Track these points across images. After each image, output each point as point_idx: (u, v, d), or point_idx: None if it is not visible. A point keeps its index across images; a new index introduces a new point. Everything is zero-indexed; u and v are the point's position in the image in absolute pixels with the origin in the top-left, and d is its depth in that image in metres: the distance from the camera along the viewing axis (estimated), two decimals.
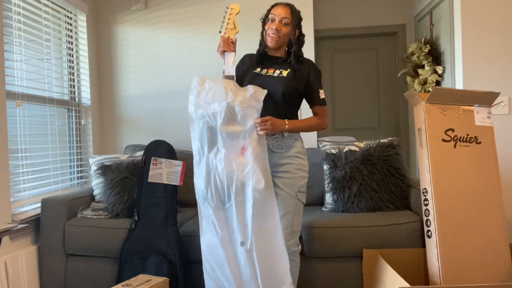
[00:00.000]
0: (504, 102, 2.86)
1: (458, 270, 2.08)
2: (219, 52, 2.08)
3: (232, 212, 2.00)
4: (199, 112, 2.00)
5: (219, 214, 2.02)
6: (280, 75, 2.09)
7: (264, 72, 2.11)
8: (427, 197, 2.19)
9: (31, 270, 2.55)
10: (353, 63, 4.28)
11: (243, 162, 1.97)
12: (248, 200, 1.97)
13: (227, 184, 1.97)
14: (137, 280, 2.18)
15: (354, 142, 2.80)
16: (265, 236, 1.98)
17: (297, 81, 2.09)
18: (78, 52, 3.37)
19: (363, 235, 2.38)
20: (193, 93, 2.04)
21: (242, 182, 1.96)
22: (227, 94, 1.96)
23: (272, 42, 2.08)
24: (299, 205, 2.09)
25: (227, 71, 2.03)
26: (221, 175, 1.98)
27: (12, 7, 2.60)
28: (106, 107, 3.58)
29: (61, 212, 2.58)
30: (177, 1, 3.50)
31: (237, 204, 1.99)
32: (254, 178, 1.95)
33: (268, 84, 2.05)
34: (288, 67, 2.11)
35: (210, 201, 2.02)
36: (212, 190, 2.00)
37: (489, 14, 2.93)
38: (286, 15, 2.06)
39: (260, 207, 1.98)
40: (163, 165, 2.54)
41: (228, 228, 2.02)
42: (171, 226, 2.47)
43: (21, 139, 2.65)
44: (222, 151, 1.98)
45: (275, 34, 2.06)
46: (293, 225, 2.05)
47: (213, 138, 2.00)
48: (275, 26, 2.05)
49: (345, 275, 2.40)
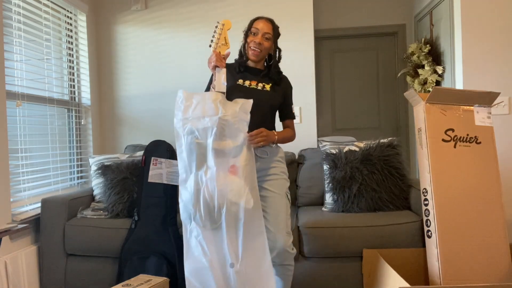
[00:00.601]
0: (504, 102, 2.86)
1: (458, 270, 2.08)
2: (211, 68, 2.05)
3: (221, 232, 1.94)
4: (188, 127, 1.95)
5: (207, 234, 1.96)
6: (264, 89, 2.13)
7: (247, 84, 2.13)
8: (427, 197, 2.19)
9: (31, 270, 2.55)
10: (353, 63, 4.29)
11: (233, 181, 1.93)
12: (240, 219, 1.93)
13: (218, 203, 1.91)
14: (137, 280, 2.18)
15: (354, 142, 2.80)
16: (254, 256, 1.94)
17: (278, 95, 2.17)
18: (78, 52, 3.37)
19: (363, 235, 2.38)
20: (179, 108, 1.98)
21: (232, 202, 1.91)
22: (218, 109, 1.93)
23: (254, 56, 2.12)
24: (289, 205, 2.11)
25: (218, 88, 2.00)
26: (212, 194, 1.92)
27: (12, 7, 2.60)
28: (106, 107, 3.58)
29: (61, 212, 2.58)
30: (177, 1, 3.50)
31: (227, 224, 1.93)
32: (244, 198, 1.91)
33: (254, 97, 2.04)
34: (269, 81, 2.16)
35: (198, 221, 1.96)
36: (201, 209, 1.93)
37: (489, 14, 2.93)
38: (268, 30, 2.11)
39: (248, 227, 1.93)
40: (163, 165, 2.54)
41: (217, 249, 1.96)
42: (171, 226, 2.47)
43: (21, 139, 2.65)
44: (212, 169, 1.93)
45: (257, 48, 2.10)
46: (287, 225, 2.05)
47: (201, 155, 1.95)
48: (258, 40, 2.09)
49: (345, 275, 2.40)
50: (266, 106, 2.10)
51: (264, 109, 2.09)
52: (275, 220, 2.03)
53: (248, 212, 1.92)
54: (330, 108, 4.30)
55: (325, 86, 4.30)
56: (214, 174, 1.92)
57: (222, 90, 1.99)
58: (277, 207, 2.05)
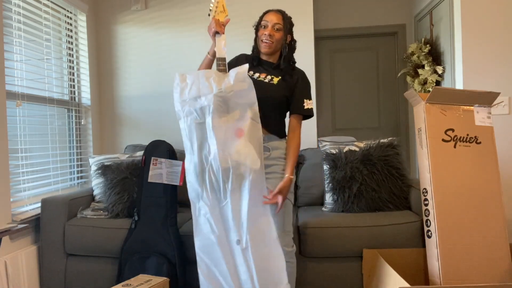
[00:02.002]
0: (504, 102, 2.86)
1: (458, 270, 2.08)
2: (211, 34, 2.07)
3: (228, 210, 1.98)
4: (186, 109, 1.97)
5: (215, 212, 2.00)
6: (271, 82, 2.11)
7: (256, 76, 2.12)
8: (427, 197, 2.19)
9: (31, 270, 2.55)
10: (353, 63, 4.29)
11: (240, 143, 1.94)
12: (244, 198, 1.95)
13: (223, 181, 1.95)
14: (137, 280, 2.18)
15: (354, 142, 2.80)
16: (259, 234, 1.96)
17: (286, 89, 2.11)
18: (78, 52, 3.37)
19: (363, 235, 2.38)
20: (176, 90, 2.00)
21: (239, 162, 1.92)
22: (211, 86, 1.92)
23: (266, 48, 2.10)
24: (288, 204, 2.10)
25: (219, 53, 2.01)
26: (216, 173, 1.95)
27: (12, 7, 2.60)
28: (106, 107, 3.58)
29: (61, 212, 2.58)
30: (177, 1, 3.50)
31: (232, 202, 1.96)
32: (251, 158, 1.93)
33: (258, 89, 2.04)
34: (279, 74, 2.12)
35: (206, 200, 2.00)
36: (207, 188, 1.98)
37: (489, 14, 2.93)
38: (278, 21, 2.09)
39: (254, 194, 1.94)
40: (163, 165, 2.54)
41: (224, 226, 2.00)
42: (171, 226, 2.47)
43: (21, 139, 2.65)
44: (214, 149, 1.94)
45: (268, 40, 2.08)
46: (284, 225, 2.05)
47: (203, 135, 1.97)
48: (268, 32, 2.07)
49: (345, 275, 2.40)
50: (269, 99, 2.06)
51: (267, 102, 2.06)
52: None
53: (255, 172, 1.92)
54: (330, 108, 4.30)
55: (325, 86, 4.30)
56: (217, 154, 1.93)
57: (223, 56, 2.00)
58: (275, 206, 2.04)
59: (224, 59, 2.01)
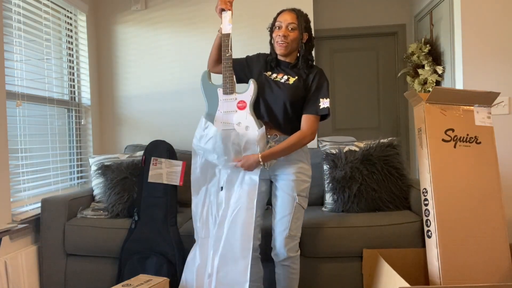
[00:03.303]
0: (504, 102, 2.86)
1: (458, 270, 2.08)
2: (217, 11, 2.07)
3: (211, 239, 2.12)
4: (200, 154, 2.15)
5: (203, 242, 2.16)
6: (286, 82, 2.07)
7: (273, 77, 2.11)
8: (427, 197, 2.19)
9: (31, 270, 2.55)
10: (353, 63, 4.28)
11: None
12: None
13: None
14: (137, 280, 2.18)
15: (354, 142, 2.80)
16: (230, 261, 2.04)
17: (302, 89, 2.07)
18: (78, 52, 3.37)
19: (363, 235, 2.38)
20: (199, 131, 2.12)
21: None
22: (226, 152, 2.04)
23: (281, 49, 2.07)
24: (299, 209, 2.06)
25: (224, 29, 2.05)
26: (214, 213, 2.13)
27: (12, 7, 2.60)
28: (106, 107, 3.58)
29: (61, 212, 2.58)
30: (177, 1, 3.50)
31: (216, 237, 2.09)
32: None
33: (273, 89, 2.07)
34: (296, 74, 2.09)
35: (200, 231, 2.17)
36: (203, 219, 2.15)
37: (489, 14, 2.93)
38: (292, 20, 2.05)
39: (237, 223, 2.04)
40: (163, 165, 2.54)
41: (205, 256, 2.15)
42: (171, 226, 2.47)
43: (21, 139, 2.65)
44: (222, 197, 2.10)
45: (283, 41, 2.04)
46: (290, 229, 2.03)
47: (213, 174, 2.15)
48: (282, 33, 2.04)
49: (345, 275, 2.40)
50: (284, 99, 2.04)
51: (282, 102, 2.04)
52: (278, 221, 2.06)
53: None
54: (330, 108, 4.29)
55: None
56: (223, 198, 2.10)
57: (227, 32, 2.04)
58: (282, 209, 2.06)
59: (229, 35, 2.04)
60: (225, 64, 2.05)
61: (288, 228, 2.03)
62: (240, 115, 2.04)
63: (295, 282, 2.12)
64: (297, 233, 2.08)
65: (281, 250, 2.04)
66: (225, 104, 2.07)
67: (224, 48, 2.05)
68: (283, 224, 2.03)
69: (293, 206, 2.04)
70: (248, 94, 2.04)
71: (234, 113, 2.05)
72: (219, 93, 2.08)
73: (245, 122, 2.03)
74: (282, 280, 2.11)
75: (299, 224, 2.08)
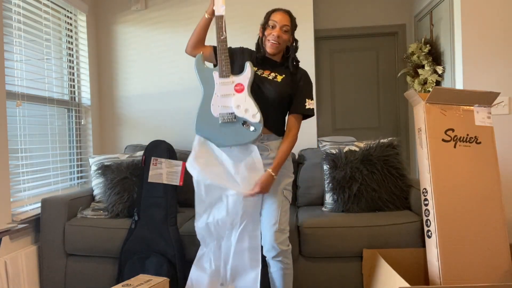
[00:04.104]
0: (504, 102, 2.86)
1: (458, 270, 2.08)
2: None
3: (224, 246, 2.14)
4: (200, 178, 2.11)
5: (217, 247, 2.16)
6: (275, 79, 2.11)
7: (259, 73, 2.12)
8: (427, 197, 2.19)
9: (31, 270, 2.55)
10: (353, 63, 4.28)
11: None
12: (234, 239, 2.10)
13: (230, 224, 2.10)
14: (137, 280, 2.18)
15: (354, 142, 2.80)
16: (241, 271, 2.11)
17: (289, 87, 2.12)
18: (78, 52, 3.37)
19: (363, 235, 2.38)
20: (194, 150, 2.12)
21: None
22: (228, 183, 2.06)
23: (272, 49, 2.09)
24: (285, 203, 2.11)
25: (218, 11, 2.04)
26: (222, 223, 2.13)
27: (12, 7, 2.60)
28: (106, 107, 3.58)
29: (61, 212, 2.58)
30: (177, 1, 3.50)
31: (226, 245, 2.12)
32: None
33: (264, 86, 2.08)
34: (283, 72, 2.13)
35: (209, 240, 2.18)
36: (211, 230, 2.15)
37: (489, 14, 2.93)
38: (287, 22, 2.08)
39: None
40: (163, 165, 2.54)
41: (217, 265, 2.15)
42: (171, 226, 2.47)
43: (21, 139, 2.65)
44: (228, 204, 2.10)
45: (275, 41, 2.07)
46: (280, 222, 2.05)
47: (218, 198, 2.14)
48: (276, 33, 2.06)
49: (345, 275, 2.40)
50: (273, 96, 2.08)
51: (269, 99, 2.08)
52: (266, 216, 2.08)
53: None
54: (330, 108, 4.29)
55: (325, 86, 4.29)
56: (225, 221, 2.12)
57: (221, 13, 2.03)
58: (270, 203, 2.08)
59: (222, 17, 2.03)
60: (220, 47, 2.03)
61: (277, 222, 2.04)
62: (238, 98, 2.02)
63: (289, 278, 2.11)
64: (286, 227, 2.09)
65: (272, 245, 2.03)
66: (222, 87, 2.04)
67: (218, 31, 2.03)
68: (272, 218, 2.05)
69: (280, 200, 2.07)
70: (245, 77, 2.03)
71: (232, 96, 2.03)
72: (214, 76, 2.06)
73: (244, 105, 2.01)
74: (276, 278, 2.09)
75: (287, 218, 2.11)
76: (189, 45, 2.20)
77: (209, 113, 2.06)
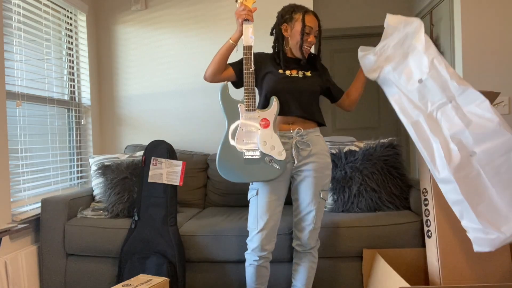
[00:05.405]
0: (504, 102, 2.86)
1: (458, 270, 2.08)
2: (240, 20, 2.00)
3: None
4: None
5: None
6: (306, 76, 2.15)
7: (288, 73, 2.13)
8: (427, 197, 2.19)
9: (31, 270, 2.55)
10: (353, 63, 4.26)
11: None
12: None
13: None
14: (137, 280, 2.18)
15: (354, 142, 2.80)
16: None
17: (319, 79, 2.19)
18: (78, 52, 3.37)
19: (363, 235, 2.38)
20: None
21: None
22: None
23: (307, 53, 2.14)
24: (322, 203, 2.14)
25: (246, 42, 2.00)
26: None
27: (12, 7, 2.60)
28: (106, 107, 3.58)
29: (61, 212, 2.58)
30: (177, 1, 3.50)
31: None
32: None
33: (296, 85, 2.10)
34: (308, 68, 2.17)
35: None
36: None
37: (489, 14, 2.93)
38: (318, 28, 2.13)
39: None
40: (163, 165, 2.54)
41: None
42: (171, 226, 2.47)
43: (21, 139, 2.65)
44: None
45: (309, 46, 2.13)
46: (315, 222, 2.12)
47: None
48: (312, 40, 2.11)
49: (345, 275, 2.40)
50: (309, 91, 2.12)
51: (308, 94, 2.12)
52: (303, 217, 2.12)
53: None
54: (330, 108, 4.29)
55: None
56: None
57: (249, 44, 2.01)
58: (307, 206, 2.10)
59: (251, 47, 2.01)
60: (248, 79, 1.99)
61: (313, 223, 2.11)
62: (265, 134, 1.98)
63: (313, 273, 2.20)
64: (319, 225, 2.16)
65: (307, 241, 2.13)
66: (247, 121, 1.99)
67: (246, 62, 1.99)
68: (308, 219, 2.10)
69: (318, 202, 2.10)
70: (271, 112, 2.00)
71: (257, 131, 1.98)
72: (240, 109, 2.00)
73: (271, 142, 1.97)
74: (302, 270, 2.17)
75: (321, 216, 2.16)
76: (209, 73, 2.10)
77: (232, 147, 1.99)
